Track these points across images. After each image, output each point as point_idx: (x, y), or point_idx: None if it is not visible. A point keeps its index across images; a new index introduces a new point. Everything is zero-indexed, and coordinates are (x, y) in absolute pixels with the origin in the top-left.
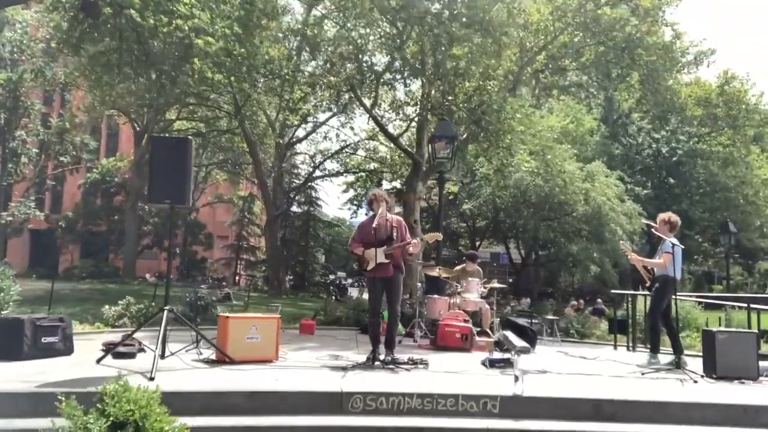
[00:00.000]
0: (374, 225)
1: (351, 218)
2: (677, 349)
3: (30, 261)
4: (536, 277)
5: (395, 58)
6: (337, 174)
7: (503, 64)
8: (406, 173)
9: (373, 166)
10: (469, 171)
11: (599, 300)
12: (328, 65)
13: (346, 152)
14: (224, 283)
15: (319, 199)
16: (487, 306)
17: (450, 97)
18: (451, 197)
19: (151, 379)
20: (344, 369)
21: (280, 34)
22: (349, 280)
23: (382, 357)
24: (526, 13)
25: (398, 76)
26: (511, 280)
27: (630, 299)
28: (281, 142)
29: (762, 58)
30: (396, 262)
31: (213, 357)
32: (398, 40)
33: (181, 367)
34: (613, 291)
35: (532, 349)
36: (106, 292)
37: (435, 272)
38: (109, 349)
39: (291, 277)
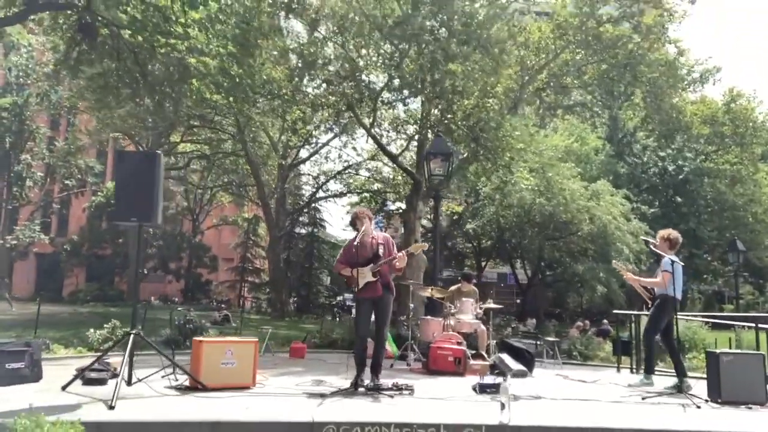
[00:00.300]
0: (356, 243)
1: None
2: (680, 372)
3: (36, 284)
4: (542, 298)
5: (393, 76)
6: (340, 195)
7: (503, 82)
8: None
9: (376, 186)
10: (472, 190)
11: (605, 321)
12: (325, 84)
13: (349, 173)
14: (223, 306)
15: (323, 221)
16: (483, 327)
17: (449, 115)
18: (455, 217)
19: (111, 408)
20: (322, 396)
21: (275, 52)
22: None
23: (366, 382)
24: (526, 31)
25: (397, 95)
26: (518, 301)
27: (634, 320)
28: (284, 163)
29: None
30: (385, 281)
31: (187, 383)
32: (396, 59)
33: (149, 394)
34: (615, 312)
35: (529, 372)
36: (105, 315)
37: (427, 292)
38: (78, 375)
39: (295, 299)
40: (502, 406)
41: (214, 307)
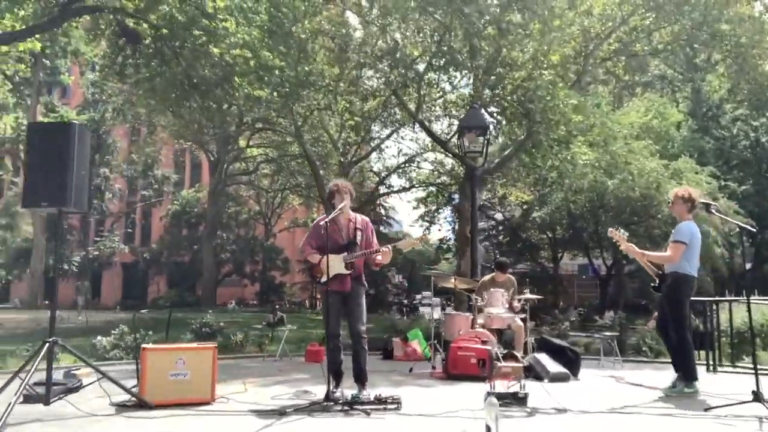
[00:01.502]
0: (323, 222)
1: (424, 234)
2: (690, 372)
3: (122, 293)
4: (625, 289)
5: (436, 53)
6: (403, 190)
7: (558, 50)
8: None
9: (442, 179)
10: (540, 177)
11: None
12: (364, 70)
13: (411, 167)
14: (277, 306)
15: (389, 218)
16: (519, 322)
17: (497, 91)
18: (525, 207)
19: None
20: (281, 414)
21: (303, 35)
22: (436, 299)
23: (344, 394)
24: None
25: (442, 75)
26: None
27: (713, 307)
28: (343, 160)
29: None
30: (356, 274)
31: (134, 399)
32: (437, 34)
33: (72, 414)
34: (693, 299)
35: (572, 375)
36: (162, 321)
37: (450, 283)
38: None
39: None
40: (488, 429)
41: (281, 309)
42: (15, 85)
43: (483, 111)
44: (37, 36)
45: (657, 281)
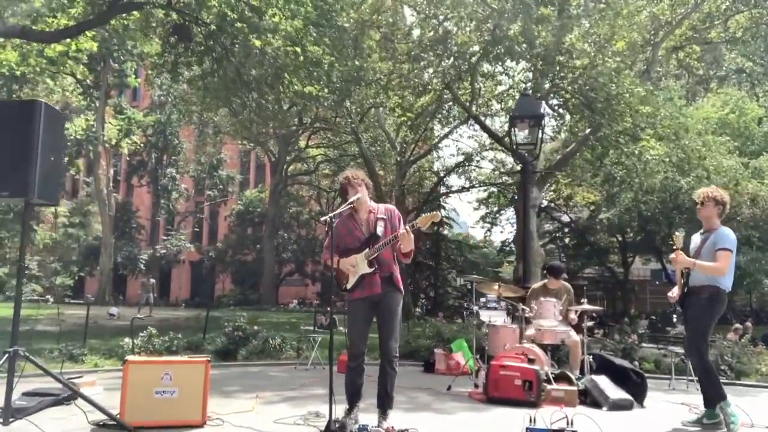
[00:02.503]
0: (330, 217)
1: (486, 236)
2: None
3: (191, 291)
4: None
5: (491, 41)
6: (462, 189)
7: (624, 35)
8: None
9: (503, 179)
10: (607, 176)
11: None
12: (414, 64)
13: (472, 166)
14: (328, 309)
15: (449, 218)
16: (576, 337)
17: (557, 81)
18: (592, 208)
19: None
20: None
21: (348, 25)
22: (499, 303)
23: (357, 420)
24: None
25: (498, 66)
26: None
27: None
28: (400, 159)
29: None
30: (387, 272)
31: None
32: (491, 21)
33: None
34: None
35: (636, 402)
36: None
37: (493, 290)
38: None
39: (425, 301)
40: None
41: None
42: (84, 88)
43: (541, 102)
44: (93, 35)
45: (677, 297)
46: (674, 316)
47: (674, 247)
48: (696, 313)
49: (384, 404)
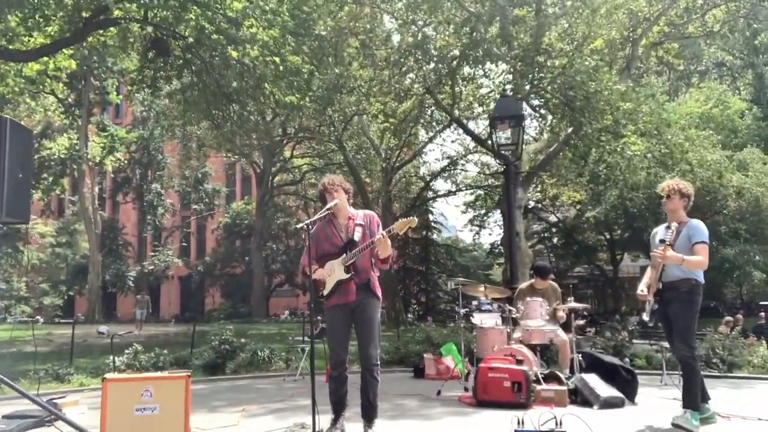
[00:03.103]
0: (307, 222)
1: (475, 239)
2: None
3: (180, 305)
4: None
5: (469, 44)
6: (448, 194)
7: (602, 33)
8: None
9: (489, 181)
10: (591, 174)
11: (762, 314)
12: (394, 69)
13: (457, 170)
14: (318, 318)
15: (436, 223)
16: (564, 336)
17: (536, 81)
18: (578, 207)
19: None
20: None
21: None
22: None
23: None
24: None
25: (477, 68)
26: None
27: None
28: (385, 166)
29: None
30: (364, 279)
31: None
32: (468, 27)
33: None
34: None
35: (627, 399)
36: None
37: (479, 291)
38: None
39: (416, 307)
40: None
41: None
42: (66, 107)
43: (522, 103)
44: (72, 53)
45: (650, 295)
46: (643, 314)
47: (667, 243)
48: (679, 309)
49: (368, 414)
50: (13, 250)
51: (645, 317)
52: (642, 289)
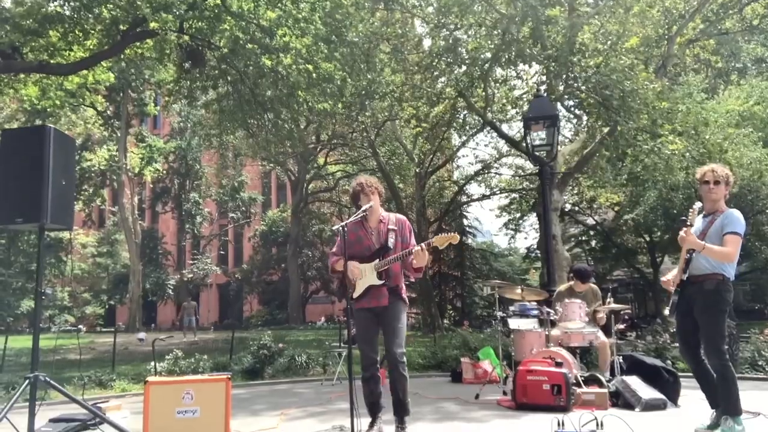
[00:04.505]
0: (341, 226)
1: (510, 243)
2: (737, 404)
3: (219, 313)
4: (734, 293)
5: (501, 46)
6: (483, 198)
7: (637, 31)
8: None
9: (524, 184)
10: (629, 175)
11: None
12: (426, 73)
13: (492, 174)
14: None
15: (471, 227)
16: (604, 338)
17: (571, 81)
18: (617, 209)
19: None
20: None
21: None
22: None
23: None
24: None
25: (510, 70)
26: None
27: None
28: (418, 171)
29: None
30: (394, 285)
31: None
32: (499, 29)
33: None
34: None
35: (670, 401)
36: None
37: (516, 294)
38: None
39: (452, 312)
40: None
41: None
42: (105, 119)
43: (556, 103)
44: (110, 66)
45: (673, 286)
46: (666, 309)
47: (687, 223)
48: (704, 309)
49: (399, 412)
50: (57, 260)
51: (666, 311)
52: (668, 277)
